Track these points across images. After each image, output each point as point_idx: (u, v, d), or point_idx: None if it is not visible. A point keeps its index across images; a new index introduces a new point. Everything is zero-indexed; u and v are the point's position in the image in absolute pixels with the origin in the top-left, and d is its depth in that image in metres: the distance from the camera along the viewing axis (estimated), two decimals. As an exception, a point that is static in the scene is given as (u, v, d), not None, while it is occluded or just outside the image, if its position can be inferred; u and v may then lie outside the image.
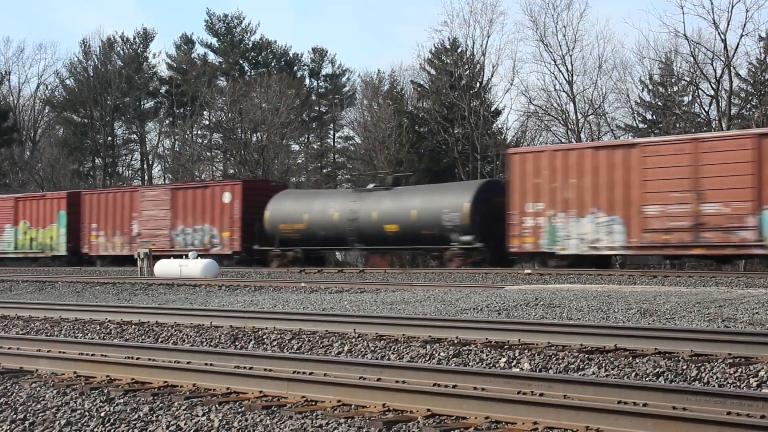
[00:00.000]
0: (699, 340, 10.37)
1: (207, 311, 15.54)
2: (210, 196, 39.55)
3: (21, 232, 45.97)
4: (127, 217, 42.30)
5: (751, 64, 50.24)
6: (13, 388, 8.56)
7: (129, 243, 41.83)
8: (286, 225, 36.91)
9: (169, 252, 38.50)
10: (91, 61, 71.02)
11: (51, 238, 44.79)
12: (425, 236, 33.22)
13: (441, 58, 58.23)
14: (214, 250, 38.61)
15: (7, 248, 46.31)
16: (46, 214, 45.09)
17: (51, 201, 45.49)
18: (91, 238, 43.48)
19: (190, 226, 40.03)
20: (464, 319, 13.53)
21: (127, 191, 44.25)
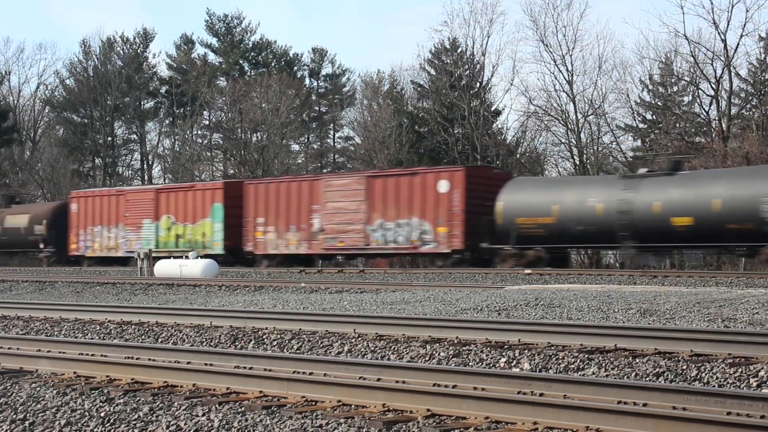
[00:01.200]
0: (699, 340, 10.37)
1: (207, 311, 15.54)
2: (420, 185, 33.77)
3: (163, 228, 40.73)
4: (305, 210, 36.50)
5: (751, 64, 50.29)
6: (13, 388, 8.55)
7: (308, 240, 36.31)
8: (526, 219, 30.97)
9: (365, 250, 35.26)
10: (91, 61, 71.05)
11: (203, 235, 39.37)
12: (731, 231, 27.48)
13: (441, 58, 58.24)
14: (425, 249, 33.73)
15: (146, 246, 40.06)
16: (197, 207, 39.69)
17: (203, 192, 40.19)
18: (256, 235, 37.81)
19: (392, 220, 34.23)
20: (464, 319, 13.53)
21: (306, 179, 38.30)
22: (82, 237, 43.55)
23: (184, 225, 40.15)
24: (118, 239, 42.31)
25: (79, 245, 43.56)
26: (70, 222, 44.09)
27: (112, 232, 42.61)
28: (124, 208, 42.09)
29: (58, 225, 44.89)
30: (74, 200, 44.84)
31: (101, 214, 43.02)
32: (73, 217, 43.99)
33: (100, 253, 42.85)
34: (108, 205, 42.82)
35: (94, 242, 43.12)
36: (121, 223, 42.15)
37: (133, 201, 42.04)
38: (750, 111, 49.74)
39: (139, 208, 41.65)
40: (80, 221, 43.64)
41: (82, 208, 43.75)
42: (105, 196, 43.61)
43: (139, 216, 41.52)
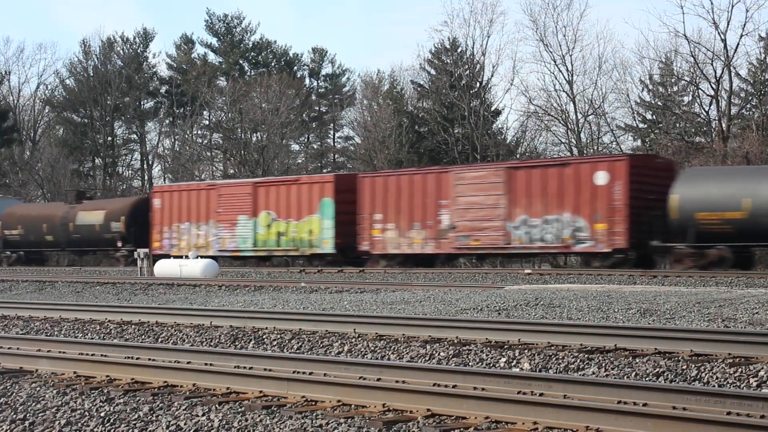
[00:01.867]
0: (699, 340, 10.37)
1: (207, 311, 15.54)
2: (572, 177, 30.33)
3: (262, 224, 37.31)
4: (432, 205, 33.11)
5: (751, 64, 50.28)
6: (13, 388, 8.55)
7: (435, 238, 33.07)
8: (708, 214, 27.56)
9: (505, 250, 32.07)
10: (91, 61, 71.04)
11: (309, 233, 35.92)
12: None
13: (441, 58, 58.25)
14: (579, 248, 30.48)
15: (242, 245, 37.87)
16: (302, 202, 36.29)
17: (310, 186, 36.60)
18: (373, 233, 34.46)
19: (538, 216, 30.81)
20: (464, 319, 13.54)
21: (433, 171, 34.91)
22: (167, 235, 40.27)
23: (287, 222, 36.67)
24: (209, 237, 38.96)
25: (163, 244, 40.23)
26: (152, 218, 40.81)
27: (201, 229, 39.20)
28: (215, 203, 38.81)
29: (138, 222, 41.87)
30: (157, 195, 41.47)
31: (189, 210, 39.65)
32: (156, 214, 40.68)
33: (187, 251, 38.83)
34: (197, 200, 39.50)
35: (181, 240, 39.80)
36: (213, 219, 38.84)
37: (227, 195, 38.68)
38: (750, 111, 49.74)
39: (233, 203, 38.28)
40: (164, 218, 40.38)
41: (166, 203, 40.44)
42: (193, 191, 40.36)
43: (234, 212, 38.19)
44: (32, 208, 50.29)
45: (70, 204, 46.02)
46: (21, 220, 46.97)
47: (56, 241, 45.37)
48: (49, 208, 48.41)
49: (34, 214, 47.22)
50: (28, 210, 49.26)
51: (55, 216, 45.46)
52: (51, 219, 45.55)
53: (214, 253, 38.09)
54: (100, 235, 43.34)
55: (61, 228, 44.73)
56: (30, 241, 46.35)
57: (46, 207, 50.42)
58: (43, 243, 46.02)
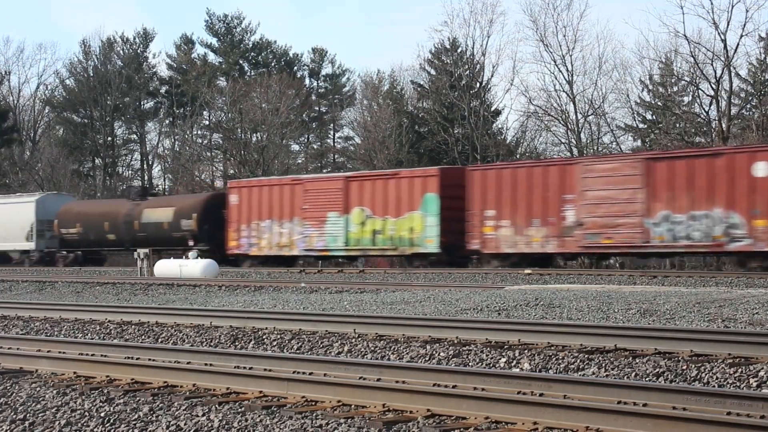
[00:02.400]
0: (699, 340, 10.37)
1: (207, 311, 15.54)
2: (725, 168, 27.54)
3: (355, 222, 34.77)
4: (555, 200, 30.44)
5: (751, 64, 50.30)
6: (13, 388, 8.55)
7: (558, 236, 30.37)
8: None
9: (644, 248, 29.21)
10: (91, 61, 71.06)
11: (410, 231, 33.39)
12: None
13: (441, 58, 58.26)
14: (734, 246, 27.69)
15: (332, 243, 35.43)
16: (402, 197, 33.73)
17: (411, 180, 33.95)
18: (485, 230, 31.87)
19: (683, 212, 28.14)
20: (464, 319, 13.54)
21: (556, 164, 32.32)
22: (245, 233, 37.62)
23: (384, 219, 34.00)
24: (294, 235, 36.34)
25: (241, 243, 37.71)
26: (228, 215, 38.27)
27: (285, 227, 36.60)
28: (301, 199, 36.24)
29: (212, 219, 39.23)
30: (234, 191, 38.75)
31: (270, 207, 37.03)
32: (233, 210, 38.09)
33: (269, 251, 37.20)
34: (280, 196, 36.88)
35: (261, 239, 37.18)
36: (298, 216, 36.24)
37: (314, 191, 36.12)
38: (750, 111, 49.75)
39: (322, 199, 35.73)
40: (242, 215, 37.76)
41: (244, 199, 37.84)
42: (276, 186, 37.60)
43: (323, 208, 35.60)
44: (92, 205, 47.67)
45: (134, 201, 43.40)
46: (80, 217, 44.25)
47: (119, 240, 42.56)
48: (111, 205, 45.71)
49: (95, 212, 44.57)
50: (88, 207, 46.67)
51: (119, 213, 42.81)
52: (113, 217, 42.89)
53: (300, 252, 36.44)
54: (169, 234, 40.50)
55: (124, 226, 42.09)
56: (89, 240, 43.62)
57: (108, 204, 47.49)
58: (105, 242, 43.37)
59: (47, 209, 45.52)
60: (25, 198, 48.42)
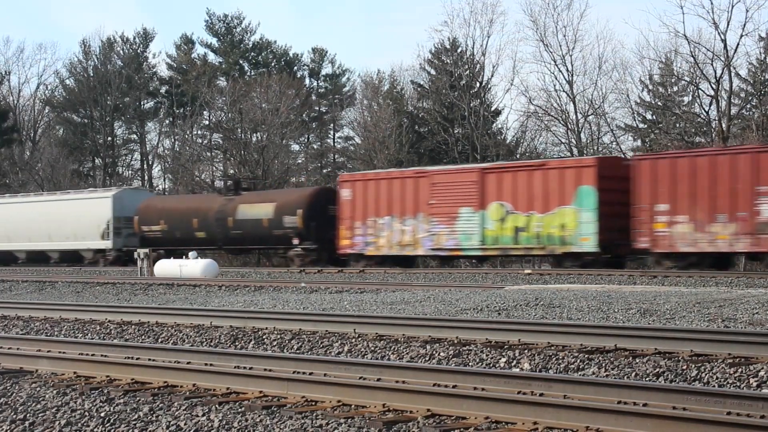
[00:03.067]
0: (699, 340, 10.37)
1: (207, 311, 15.54)
2: None
3: (493, 218, 31.73)
4: (745, 192, 27.32)
5: (751, 64, 50.30)
6: (13, 388, 8.55)
7: (750, 233, 27.32)
8: None
9: None
10: (91, 61, 71.06)
11: (562, 228, 30.40)
12: None
13: (441, 58, 58.25)
14: None
15: (465, 242, 32.37)
16: (550, 190, 30.63)
17: (561, 172, 30.79)
18: (656, 227, 28.73)
19: None
20: (464, 319, 13.54)
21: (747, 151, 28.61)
22: (360, 231, 34.69)
23: (528, 215, 31.03)
24: (418, 233, 33.42)
25: (355, 241, 34.82)
26: (340, 212, 35.40)
27: (407, 224, 33.66)
28: (427, 194, 33.28)
29: (319, 216, 36.43)
30: (347, 184, 35.80)
31: (390, 202, 34.06)
32: (345, 206, 35.19)
33: (388, 251, 34.16)
34: (401, 190, 33.90)
35: (379, 237, 34.25)
36: (423, 212, 33.28)
37: (443, 184, 33.11)
38: (750, 111, 49.74)
39: (452, 194, 32.75)
40: (356, 211, 34.83)
41: (358, 194, 34.92)
42: (396, 179, 34.51)
43: (454, 203, 32.64)
44: (178, 201, 44.53)
45: (227, 196, 40.09)
46: (164, 214, 41.18)
47: (210, 238, 39.45)
48: (200, 201, 42.71)
49: (182, 208, 41.47)
50: (173, 203, 43.57)
51: (210, 209, 39.66)
52: (204, 213, 39.77)
53: (426, 251, 33.89)
54: (269, 232, 37.47)
55: (217, 223, 39.02)
56: (175, 239, 40.25)
57: (197, 199, 44.43)
58: (193, 240, 39.57)
59: (124, 205, 42.93)
60: (100, 193, 46.01)
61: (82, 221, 43.42)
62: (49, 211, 45.14)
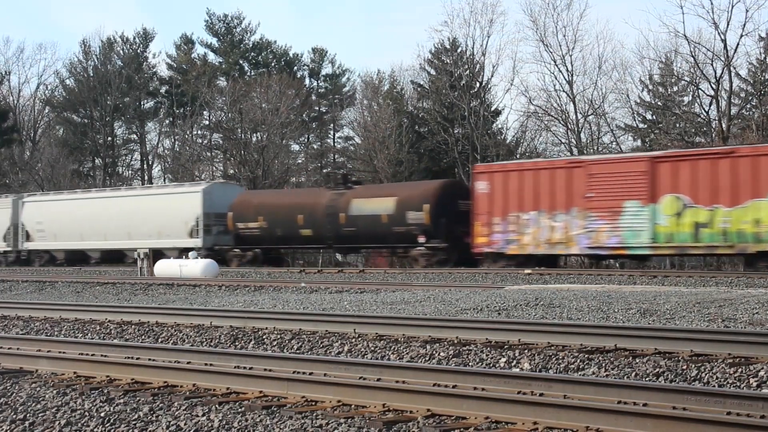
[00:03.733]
0: (699, 340, 10.37)
1: (207, 311, 15.54)
2: None
3: (667, 213, 28.56)
4: None
5: (751, 64, 50.30)
6: (13, 388, 8.55)
7: None
8: None
9: None
10: (91, 61, 71.08)
11: (756, 224, 27.04)
12: None
13: (441, 58, 58.25)
14: None
15: (631, 239, 29.24)
16: (740, 181, 27.34)
17: (754, 160, 27.45)
18: None
19: None
20: (464, 319, 13.53)
21: None
22: (499, 227, 31.70)
23: (712, 209, 27.76)
24: (572, 230, 30.39)
25: (494, 239, 31.78)
26: (475, 206, 32.34)
27: (558, 219, 30.65)
28: (582, 186, 30.18)
29: (448, 211, 33.65)
30: (483, 176, 32.59)
31: (537, 195, 31.03)
32: (482, 200, 32.15)
33: (534, 249, 31.07)
34: (550, 182, 30.86)
35: (523, 235, 31.29)
36: (577, 206, 30.25)
37: (602, 175, 29.99)
38: (750, 111, 49.75)
39: (615, 186, 29.70)
40: (495, 205, 31.82)
41: (497, 186, 31.84)
42: (544, 170, 31.43)
43: (617, 196, 29.62)
44: (279, 196, 41.78)
45: (337, 190, 37.12)
46: (263, 210, 38.17)
47: (317, 235, 36.43)
48: (305, 195, 39.81)
49: (285, 203, 38.48)
50: (274, 197, 40.50)
51: (317, 204, 36.71)
52: (310, 209, 36.78)
53: (581, 250, 30.76)
54: (388, 229, 34.44)
55: (326, 220, 36.06)
56: (275, 237, 37.67)
57: (301, 193, 41.88)
58: (297, 238, 37.15)
59: (215, 201, 39.89)
60: (187, 188, 42.80)
61: (168, 219, 40.28)
62: (128, 207, 42.35)
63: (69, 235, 44.23)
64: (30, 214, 46.35)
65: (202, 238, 39.38)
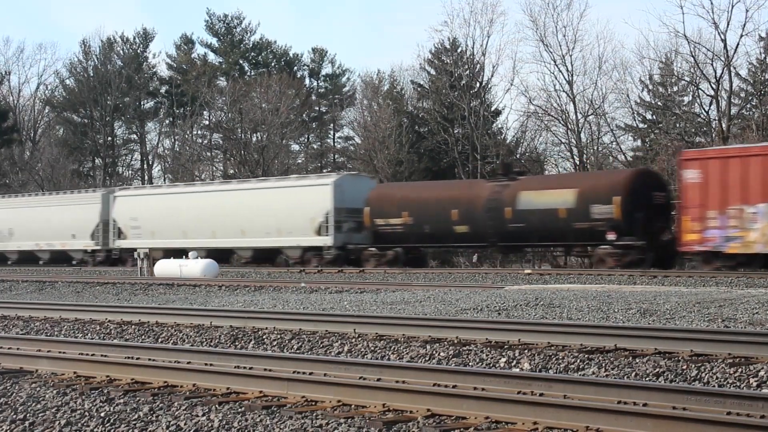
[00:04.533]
0: (699, 340, 10.37)
1: (207, 311, 15.53)
2: None
3: None
4: None
5: (751, 64, 50.31)
6: (13, 388, 8.55)
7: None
8: None
9: None
10: (91, 61, 71.11)
11: None
12: None
13: (441, 58, 58.26)
14: None
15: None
16: None
17: None
18: None
19: None
20: (464, 319, 13.53)
21: None
22: (715, 222, 27.71)
23: None
24: None
25: (707, 236, 27.86)
26: (684, 198, 28.72)
27: None
28: None
29: (643, 204, 29.96)
30: (694, 163, 28.64)
31: (766, 185, 26.96)
32: (692, 191, 28.28)
33: (763, 248, 26.97)
34: None
35: (749, 230, 27.15)
36: None
37: None
38: (750, 111, 49.74)
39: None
40: (708, 197, 27.86)
41: (713, 175, 27.86)
42: None
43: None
44: (425, 188, 37.30)
45: (499, 182, 33.26)
46: (408, 204, 34.35)
47: (476, 233, 32.54)
48: (460, 188, 35.83)
49: (434, 196, 34.33)
50: (419, 190, 36.31)
51: (476, 198, 32.89)
52: (468, 202, 32.93)
53: None
54: (567, 225, 30.77)
55: (488, 215, 32.23)
56: (423, 235, 34.04)
57: (455, 186, 37.36)
58: (450, 236, 33.35)
59: (346, 194, 36.27)
60: (314, 180, 39.08)
61: (290, 214, 36.69)
62: (243, 201, 38.85)
63: (170, 232, 40.43)
64: (123, 209, 42.90)
65: (333, 236, 35.70)
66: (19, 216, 47.39)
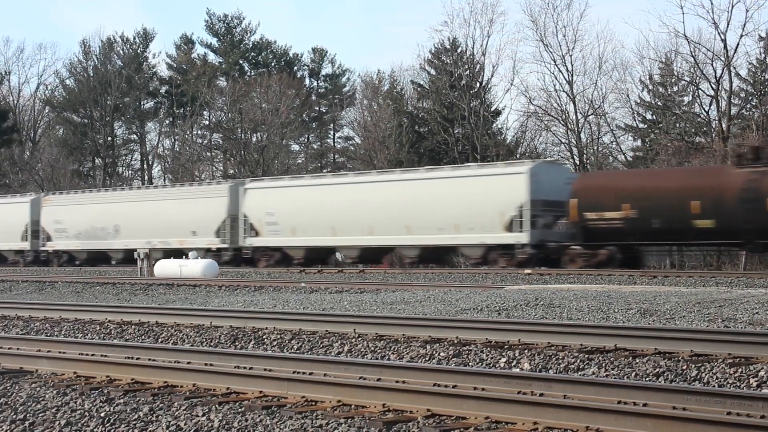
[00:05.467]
0: (699, 340, 10.36)
1: (207, 311, 15.53)
2: None
3: None
4: None
5: (751, 64, 50.32)
6: (13, 388, 8.55)
7: None
8: None
9: None
10: (91, 61, 71.13)
11: None
12: None
13: (441, 58, 58.27)
14: None
15: None
16: None
17: None
18: None
19: None
20: (464, 319, 13.53)
21: None
22: None
23: None
24: None
25: None
26: None
27: None
28: None
29: None
30: None
31: None
32: None
33: None
34: None
35: None
36: None
37: None
38: (750, 111, 49.75)
39: None
40: None
41: None
42: None
43: None
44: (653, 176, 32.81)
45: (755, 168, 27.77)
46: (630, 195, 29.39)
47: (725, 228, 27.74)
48: (699, 175, 30.90)
49: (668, 186, 29.20)
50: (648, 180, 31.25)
51: (725, 187, 27.94)
52: (714, 193, 28.06)
53: None
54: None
55: (741, 208, 27.33)
56: (649, 231, 29.01)
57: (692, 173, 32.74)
58: (689, 232, 28.46)
59: (542, 184, 31.73)
60: (502, 169, 34.65)
61: (472, 206, 32.42)
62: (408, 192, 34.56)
63: (315, 228, 36.28)
64: (256, 203, 38.50)
65: (529, 232, 31.31)
66: (126, 210, 42.61)
